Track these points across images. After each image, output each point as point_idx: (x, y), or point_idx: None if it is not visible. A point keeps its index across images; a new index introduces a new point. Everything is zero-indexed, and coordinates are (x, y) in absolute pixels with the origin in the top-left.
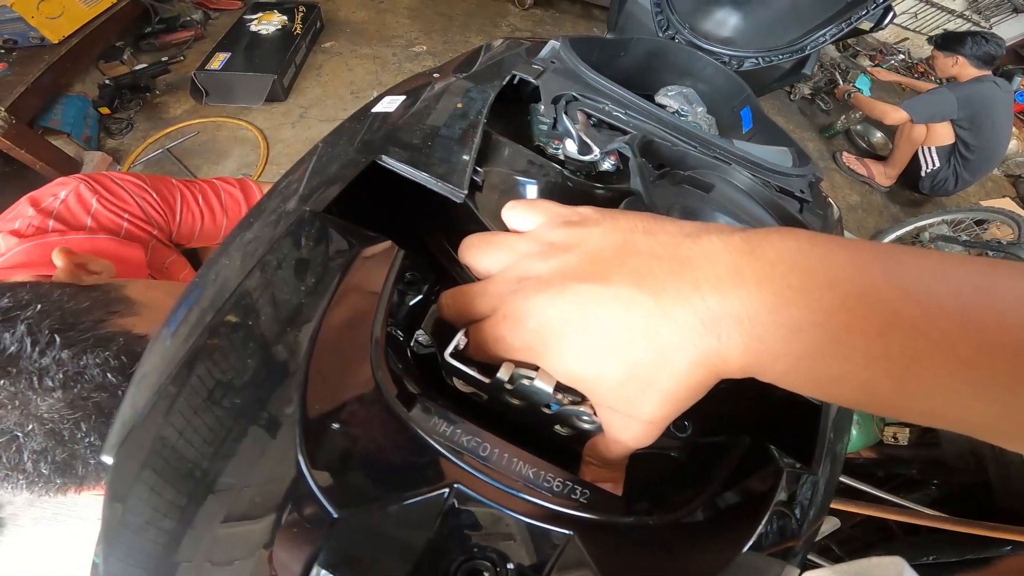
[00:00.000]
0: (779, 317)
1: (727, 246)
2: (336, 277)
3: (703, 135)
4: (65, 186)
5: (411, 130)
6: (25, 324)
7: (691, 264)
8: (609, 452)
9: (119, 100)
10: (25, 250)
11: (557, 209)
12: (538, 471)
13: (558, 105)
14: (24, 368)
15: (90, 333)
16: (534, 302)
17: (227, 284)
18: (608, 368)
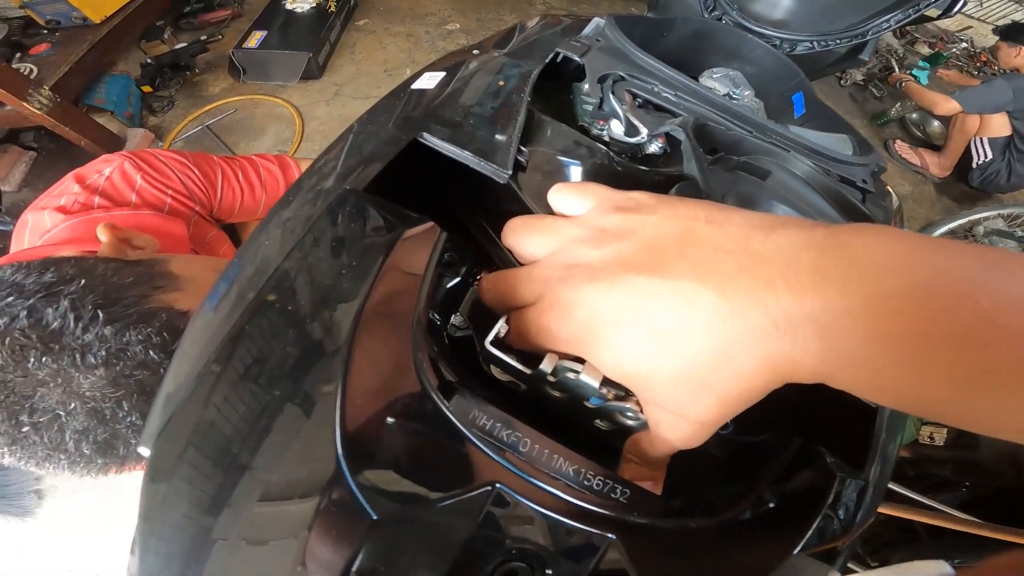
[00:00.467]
0: (865, 324)
1: (807, 242)
2: (378, 260)
3: (758, 119)
4: (110, 163)
5: (452, 107)
6: (68, 299)
7: (764, 260)
8: (653, 450)
9: (160, 79)
10: (71, 226)
11: (608, 193)
12: (578, 468)
13: (604, 84)
14: (67, 344)
15: (133, 309)
16: (584, 292)
17: (267, 263)
18: (663, 365)
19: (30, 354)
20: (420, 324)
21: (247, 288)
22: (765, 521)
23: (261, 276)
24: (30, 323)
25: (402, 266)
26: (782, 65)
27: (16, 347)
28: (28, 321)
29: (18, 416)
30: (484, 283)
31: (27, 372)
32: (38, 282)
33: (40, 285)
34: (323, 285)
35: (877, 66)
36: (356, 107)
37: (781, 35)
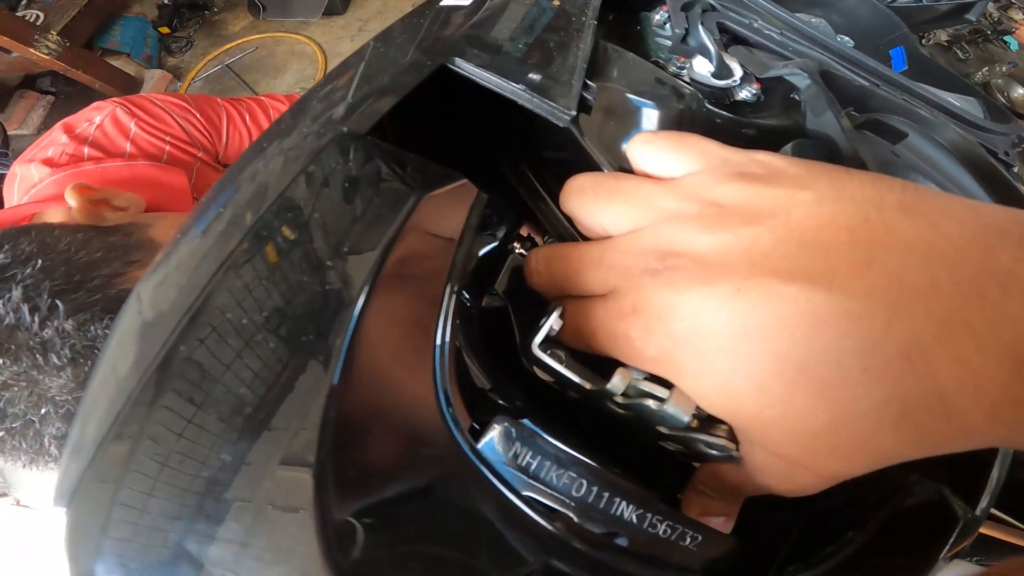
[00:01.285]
0: None
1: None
2: (382, 238)
3: (887, 71)
4: (101, 110)
5: (494, 27)
6: (21, 287)
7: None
8: (741, 490)
9: (178, 19)
10: (57, 181)
11: (724, 152)
12: (643, 514)
13: (691, 13)
14: (24, 343)
15: (99, 294)
16: (691, 298)
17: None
18: (803, 412)
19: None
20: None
21: (244, 210)
22: (872, 568)
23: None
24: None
25: (438, 225)
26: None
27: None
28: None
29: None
30: (533, 261)
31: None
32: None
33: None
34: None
35: (966, 27)
36: None
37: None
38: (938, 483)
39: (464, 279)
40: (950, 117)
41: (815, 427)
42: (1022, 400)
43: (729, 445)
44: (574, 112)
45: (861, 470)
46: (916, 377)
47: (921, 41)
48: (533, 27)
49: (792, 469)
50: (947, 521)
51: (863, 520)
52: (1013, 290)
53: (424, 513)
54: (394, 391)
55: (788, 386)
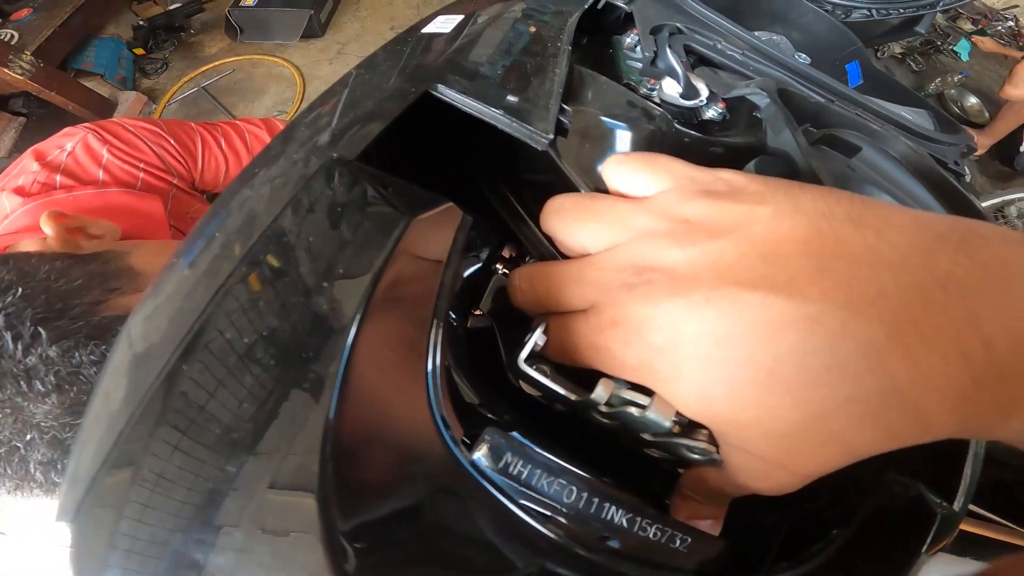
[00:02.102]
0: None
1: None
2: (376, 261)
3: (841, 87)
4: (72, 137)
5: (474, 54)
6: (3, 315)
7: (962, 288)
8: (724, 491)
9: (154, 40)
10: (30, 211)
11: (689, 171)
12: (632, 517)
13: (659, 37)
14: (7, 370)
15: (82, 321)
16: (665, 309)
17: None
18: (776, 412)
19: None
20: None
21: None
22: (853, 566)
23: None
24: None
25: (423, 248)
26: (835, 32)
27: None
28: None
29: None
30: (517, 280)
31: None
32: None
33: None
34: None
35: (918, 40)
36: None
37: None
38: (915, 480)
39: (451, 300)
40: (902, 130)
41: (788, 427)
42: (970, 392)
43: (710, 448)
44: (552, 136)
45: (835, 465)
46: (874, 375)
47: (876, 54)
48: (510, 52)
49: (770, 469)
50: (925, 516)
51: (847, 519)
52: (953, 291)
53: (423, 525)
54: (389, 413)
55: (759, 388)
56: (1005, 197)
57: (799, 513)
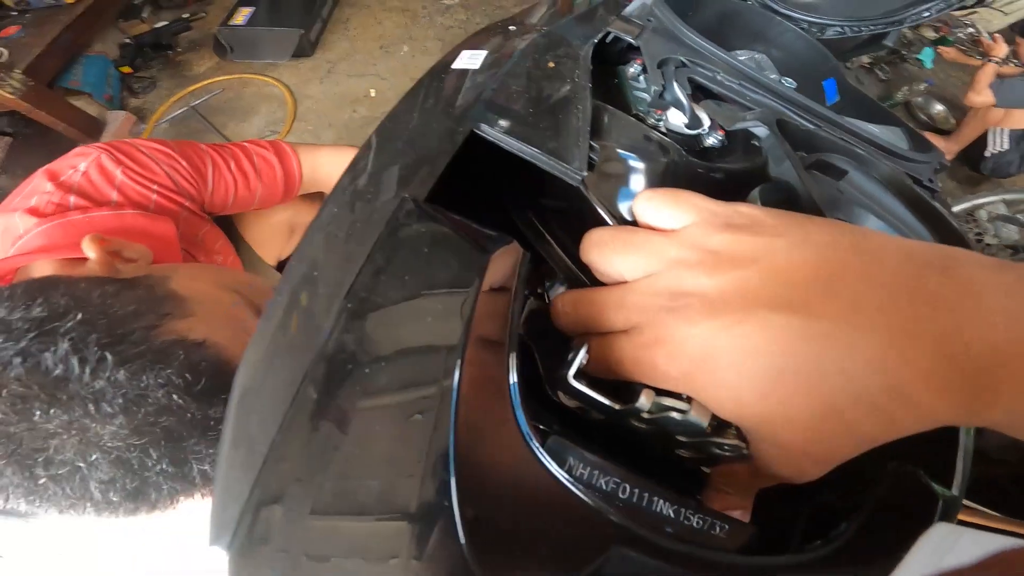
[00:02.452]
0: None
1: (998, 285)
2: (471, 291)
3: (827, 112)
4: (85, 157)
5: (505, 93)
6: (68, 341)
7: (948, 305)
8: (752, 483)
9: (141, 59)
10: (45, 231)
11: (711, 206)
12: (678, 508)
13: (666, 70)
14: (76, 393)
15: (144, 345)
16: (703, 328)
17: (332, 292)
18: (798, 409)
19: (34, 405)
20: (514, 365)
21: (310, 328)
22: (868, 548)
23: (328, 310)
24: (27, 369)
25: (486, 301)
26: (812, 50)
27: (15, 398)
28: (24, 368)
29: (31, 469)
30: (560, 304)
31: (33, 425)
32: (26, 318)
33: (29, 322)
34: (409, 320)
35: (884, 50)
36: (351, 85)
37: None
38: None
39: (518, 327)
40: (880, 151)
41: (810, 420)
42: (957, 386)
43: (740, 444)
44: (585, 172)
45: (850, 453)
46: (879, 375)
47: (846, 64)
48: (538, 89)
49: (794, 457)
50: (928, 500)
51: (857, 508)
52: (939, 306)
53: (524, 517)
54: (489, 432)
55: (784, 390)
56: (975, 201)
57: (815, 505)
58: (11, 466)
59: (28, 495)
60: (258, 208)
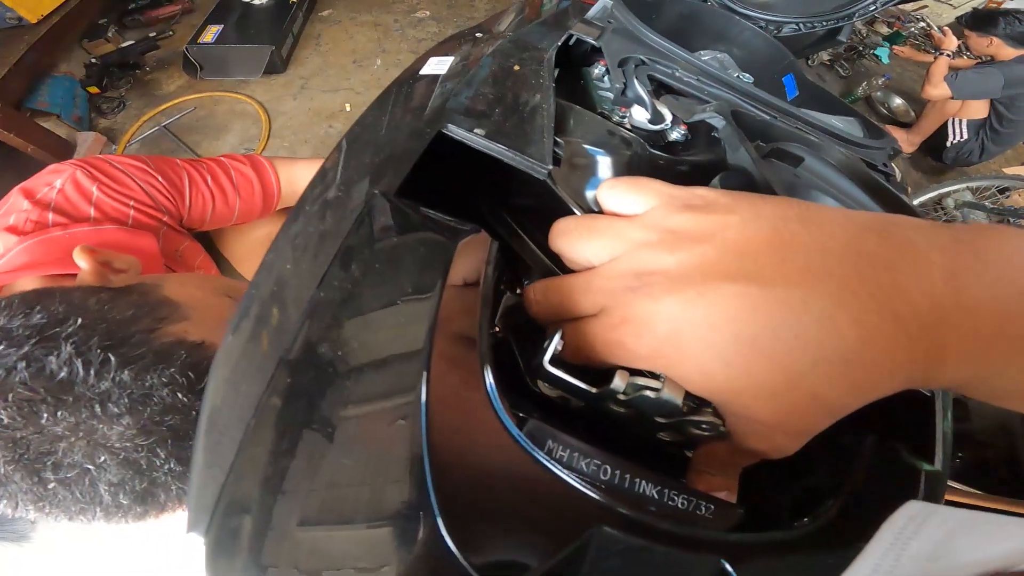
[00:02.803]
0: (1012, 329)
1: (933, 244)
2: (438, 279)
3: (781, 104)
4: (60, 174)
5: (472, 95)
6: (71, 344)
7: (887, 264)
8: (733, 461)
9: (108, 79)
10: (27, 249)
11: (670, 190)
12: (661, 489)
13: (626, 69)
14: (81, 395)
15: (145, 347)
16: (666, 304)
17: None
18: (763, 378)
19: (41, 408)
20: (488, 356)
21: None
22: (854, 523)
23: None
24: (31, 374)
25: (453, 281)
26: (771, 47)
27: (22, 402)
28: (28, 372)
29: (40, 474)
30: (531, 293)
31: (40, 428)
32: (27, 325)
33: (30, 329)
34: (376, 312)
35: (842, 46)
36: (325, 100)
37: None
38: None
39: (492, 313)
40: (836, 139)
41: (774, 388)
42: (905, 344)
43: (716, 420)
44: (550, 165)
45: (820, 422)
46: (832, 338)
47: (808, 62)
48: (503, 90)
49: (768, 431)
50: (910, 475)
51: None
52: (878, 265)
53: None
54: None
55: (746, 359)
56: (941, 190)
57: (804, 486)
58: (19, 471)
59: (37, 501)
60: (237, 223)
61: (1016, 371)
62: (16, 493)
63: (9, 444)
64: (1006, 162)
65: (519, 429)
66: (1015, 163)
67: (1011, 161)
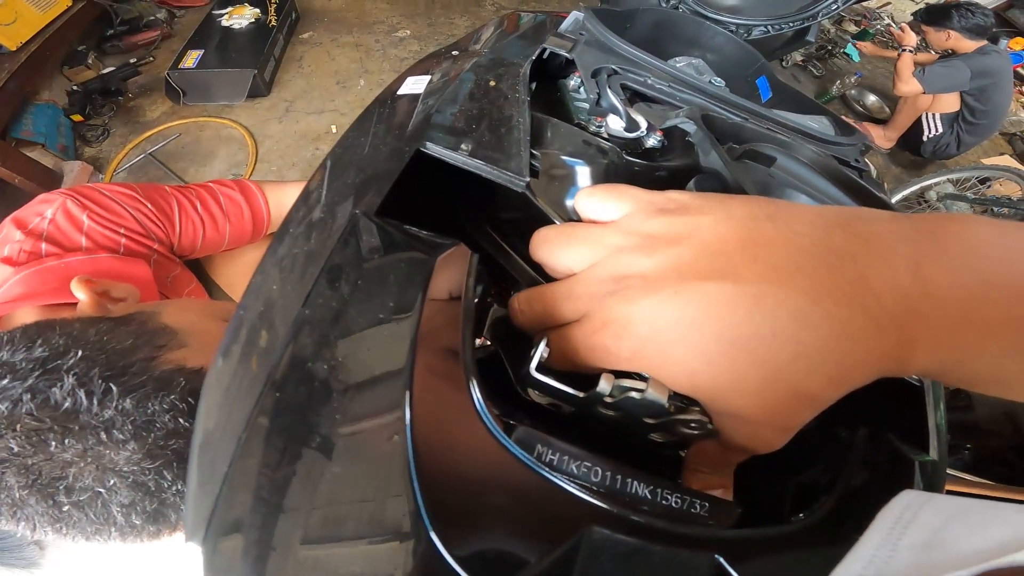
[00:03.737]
0: (977, 315)
1: (897, 235)
2: (418, 292)
3: (752, 106)
4: (50, 203)
5: (449, 112)
6: (73, 375)
7: (852, 258)
8: (725, 459)
9: (91, 106)
10: (23, 279)
11: (645, 195)
12: (654, 489)
13: (599, 79)
14: (86, 423)
15: (146, 375)
16: (644, 306)
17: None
18: (744, 375)
19: (48, 437)
20: (471, 361)
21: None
22: (851, 516)
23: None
24: (37, 405)
25: (437, 295)
26: (742, 51)
27: (30, 431)
28: (34, 403)
29: (54, 497)
30: (516, 303)
31: (50, 455)
32: (29, 358)
33: (33, 362)
34: (358, 331)
35: (814, 46)
36: (311, 123)
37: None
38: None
39: (474, 324)
40: (807, 138)
41: (756, 384)
42: (875, 334)
43: (703, 418)
44: (528, 178)
45: (803, 415)
46: (807, 331)
47: (782, 64)
48: (480, 106)
49: (754, 427)
50: (904, 465)
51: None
52: (844, 258)
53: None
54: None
55: (727, 355)
56: (923, 183)
57: (798, 482)
58: (34, 495)
59: (54, 523)
60: (228, 249)
61: (989, 357)
62: (33, 516)
63: (22, 471)
64: (984, 153)
65: (508, 436)
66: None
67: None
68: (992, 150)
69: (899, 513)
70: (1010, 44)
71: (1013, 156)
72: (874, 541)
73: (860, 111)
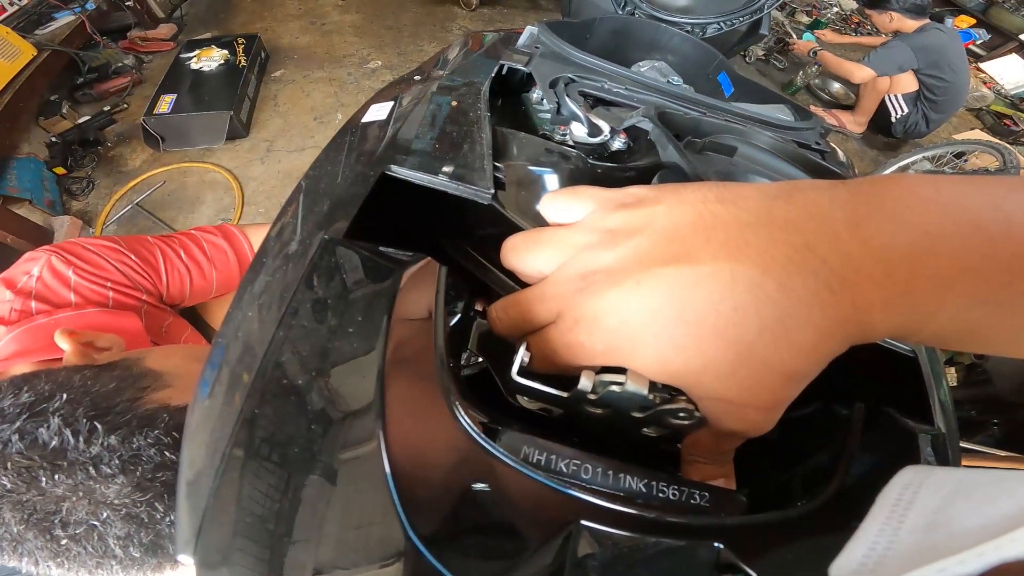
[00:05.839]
0: (926, 269)
1: (834, 201)
2: (385, 308)
3: (710, 100)
4: (35, 261)
5: (412, 134)
6: (59, 416)
7: (796, 227)
8: (719, 446)
9: (72, 158)
10: (16, 338)
11: (605, 193)
12: (649, 482)
13: (557, 88)
14: (74, 460)
15: (130, 414)
16: (609, 298)
17: (261, 338)
18: (715, 356)
19: (39, 473)
20: (444, 366)
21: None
22: (858, 494)
23: (254, 356)
24: (26, 445)
25: (409, 310)
26: (700, 50)
27: (21, 469)
28: (23, 443)
29: (51, 531)
30: (494, 312)
31: (43, 491)
32: (16, 403)
33: (20, 406)
34: (331, 349)
35: (771, 39)
36: (293, 161)
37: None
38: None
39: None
40: (767, 126)
41: (729, 365)
42: (830, 300)
43: (690, 407)
44: (492, 190)
45: (785, 393)
46: (765, 304)
47: (745, 60)
48: (442, 126)
49: (738, 409)
50: (907, 439)
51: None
52: (789, 228)
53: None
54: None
55: (695, 339)
56: (900, 163)
57: (807, 469)
58: (31, 530)
59: (55, 557)
60: (220, 295)
61: (952, 310)
62: (34, 550)
63: (17, 507)
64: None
65: (493, 441)
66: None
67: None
68: (962, 126)
69: (899, 493)
70: (955, 22)
71: (984, 129)
72: (875, 526)
73: (827, 99)
